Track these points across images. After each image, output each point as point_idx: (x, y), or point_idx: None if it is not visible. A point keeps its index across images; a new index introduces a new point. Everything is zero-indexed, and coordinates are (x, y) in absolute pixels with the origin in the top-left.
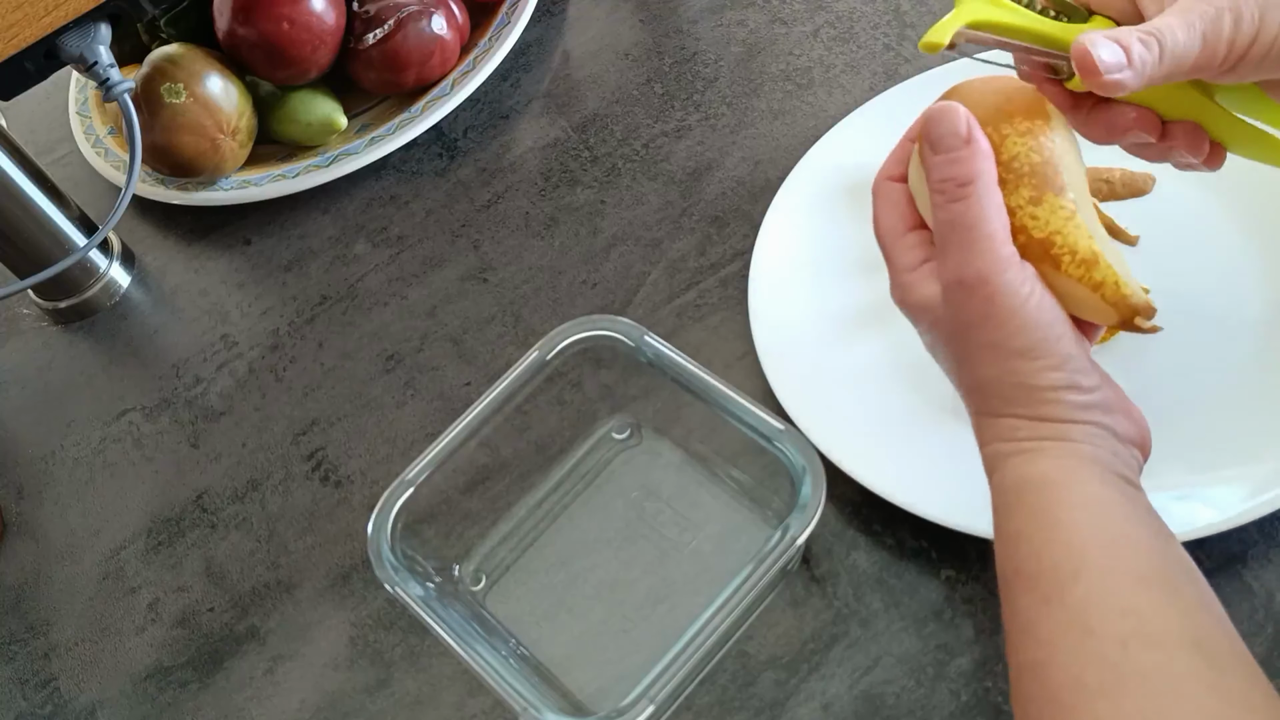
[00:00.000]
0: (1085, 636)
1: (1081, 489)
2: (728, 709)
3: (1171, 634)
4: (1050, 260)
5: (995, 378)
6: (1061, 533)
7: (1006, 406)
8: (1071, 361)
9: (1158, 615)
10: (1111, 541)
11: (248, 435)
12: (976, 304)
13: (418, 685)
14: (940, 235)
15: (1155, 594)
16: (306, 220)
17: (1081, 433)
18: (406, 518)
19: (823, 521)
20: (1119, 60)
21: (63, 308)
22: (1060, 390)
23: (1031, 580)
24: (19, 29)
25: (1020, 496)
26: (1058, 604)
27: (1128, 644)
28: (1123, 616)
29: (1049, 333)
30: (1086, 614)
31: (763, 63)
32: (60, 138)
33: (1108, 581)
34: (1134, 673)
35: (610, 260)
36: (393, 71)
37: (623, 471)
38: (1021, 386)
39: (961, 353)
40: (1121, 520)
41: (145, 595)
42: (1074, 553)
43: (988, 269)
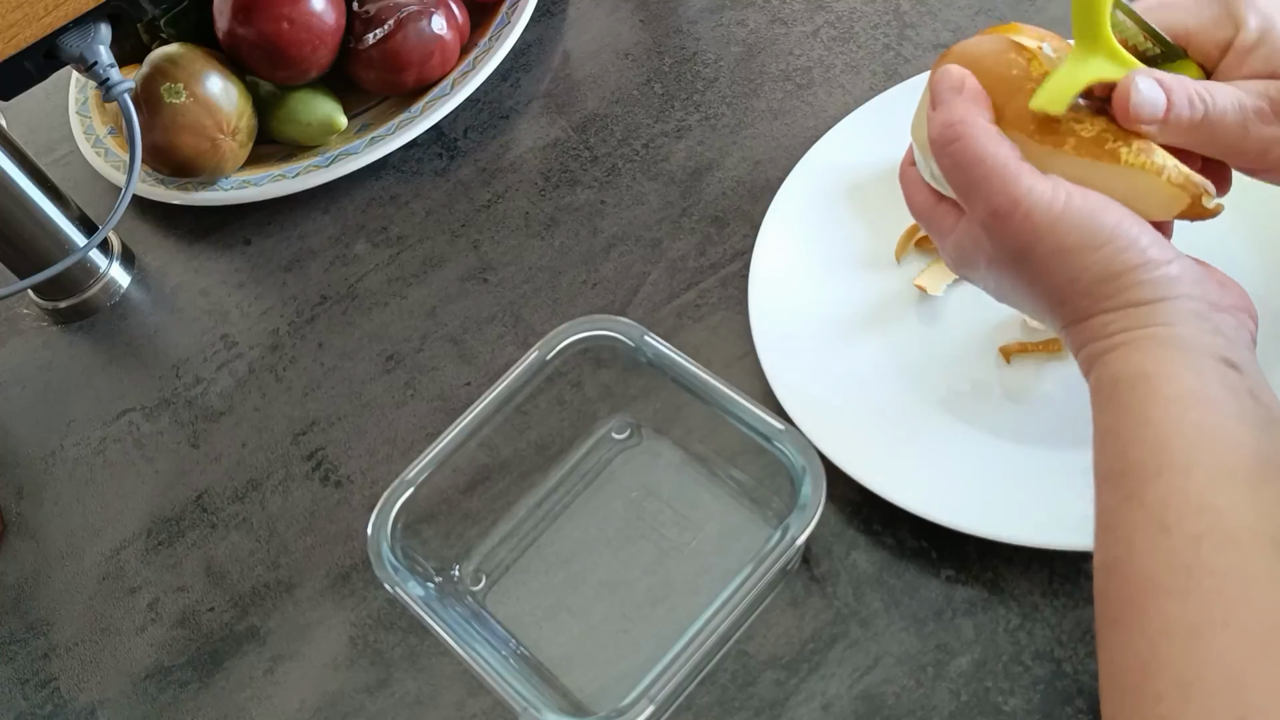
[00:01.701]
0: (1161, 534)
1: (1173, 382)
2: (728, 709)
3: (1249, 531)
4: (1109, 155)
5: (1070, 279)
6: (1149, 429)
7: (1092, 304)
8: (1139, 239)
9: (1236, 513)
10: (1198, 436)
11: (248, 435)
12: (1017, 225)
13: (418, 685)
14: (955, 185)
15: (1237, 491)
16: (306, 220)
17: (1173, 312)
18: (406, 518)
19: (823, 521)
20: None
21: (63, 308)
22: (1135, 270)
23: (1117, 478)
24: (19, 29)
25: (1114, 392)
26: (1138, 502)
27: (1201, 542)
28: (1199, 514)
29: (1103, 219)
30: (1164, 511)
31: (763, 63)
32: (60, 138)
33: (1189, 478)
34: (1205, 572)
35: (610, 260)
36: (393, 71)
37: (623, 471)
38: (1098, 279)
39: (1030, 275)
40: (1213, 413)
41: (145, 595)
42: (1159, 449)
43: (1013, 191)
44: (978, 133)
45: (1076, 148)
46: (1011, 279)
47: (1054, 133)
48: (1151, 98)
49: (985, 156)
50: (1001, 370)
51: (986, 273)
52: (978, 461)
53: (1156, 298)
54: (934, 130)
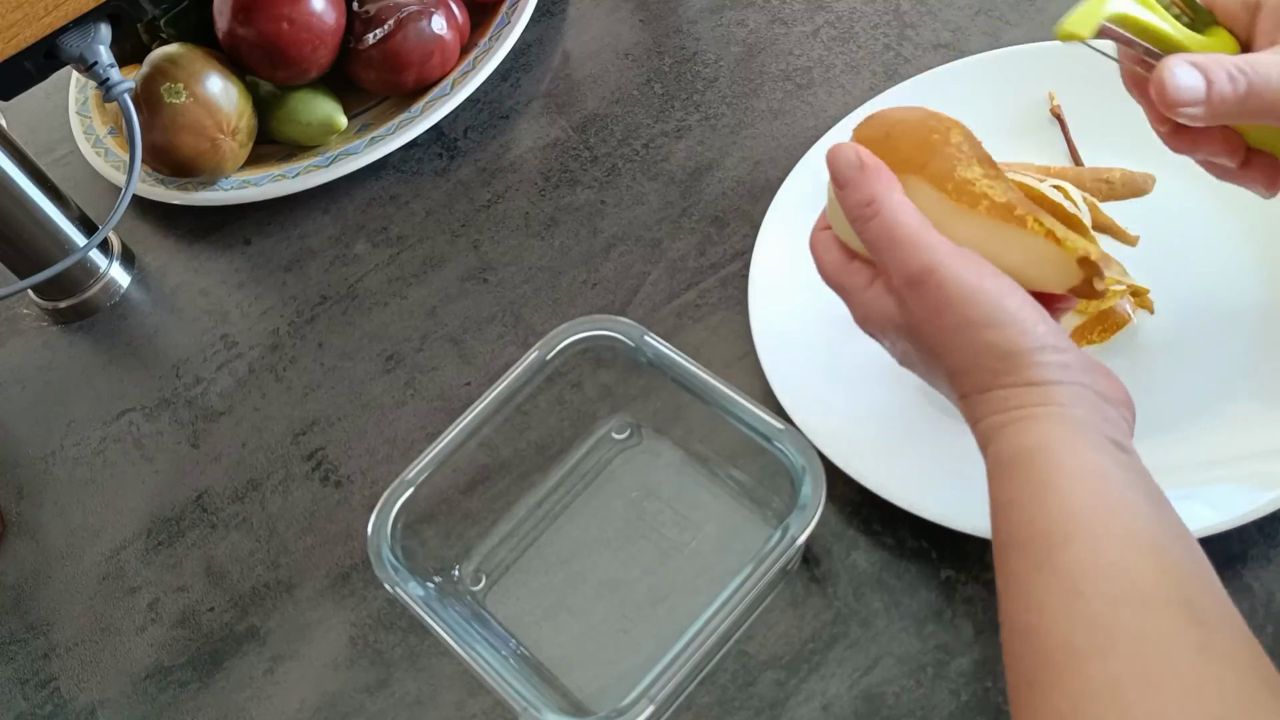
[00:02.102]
0: (1075, 599)
1: (1073, 456)
2: (728, 709)
3: (1161, 595)
4: (1017, 220)
5: (973, 354)
6: (1054, 498)
7: (992, 379)
8: (1038, 325)
9: (1147, 577)
10: (1102, 506)
11: (248, 435)
12: (930, 293)
13: (418, 685)
14: (875, 254)
15: (1145, 557)
16: (306, 220)
17: (1068, 395)
18: (406, 518)
19: (823, 521)
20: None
21: (63, 308)
22: (1036, 351)
23: (1023, 546)
24: (19, 29)
25: (1014, 465)
26: (1049, 568)
27: (1118, 605)
28: (1112, 579)
29: (1007, 302)
30: (1076, 577)
31: (763, 63)
32: (60, 138)
33: (1098, 545)
34: (1124, 633)
35: (610, 260)
36: (393, 71)
37: (623, 471)
38: (999, 356)
39: (935, 345)
40: (1113, 485)
41: (145, 595)
42: (1065, 518)
43: (928, 259)
44: (893, 206)
45: (989, 209)
46: (918, 349)
47: (969, 194)
48: (1189, 83)
49: (900, 225)
50: None
51: (895, 337)
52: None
53: (1052, 380)
54: (849, 209)
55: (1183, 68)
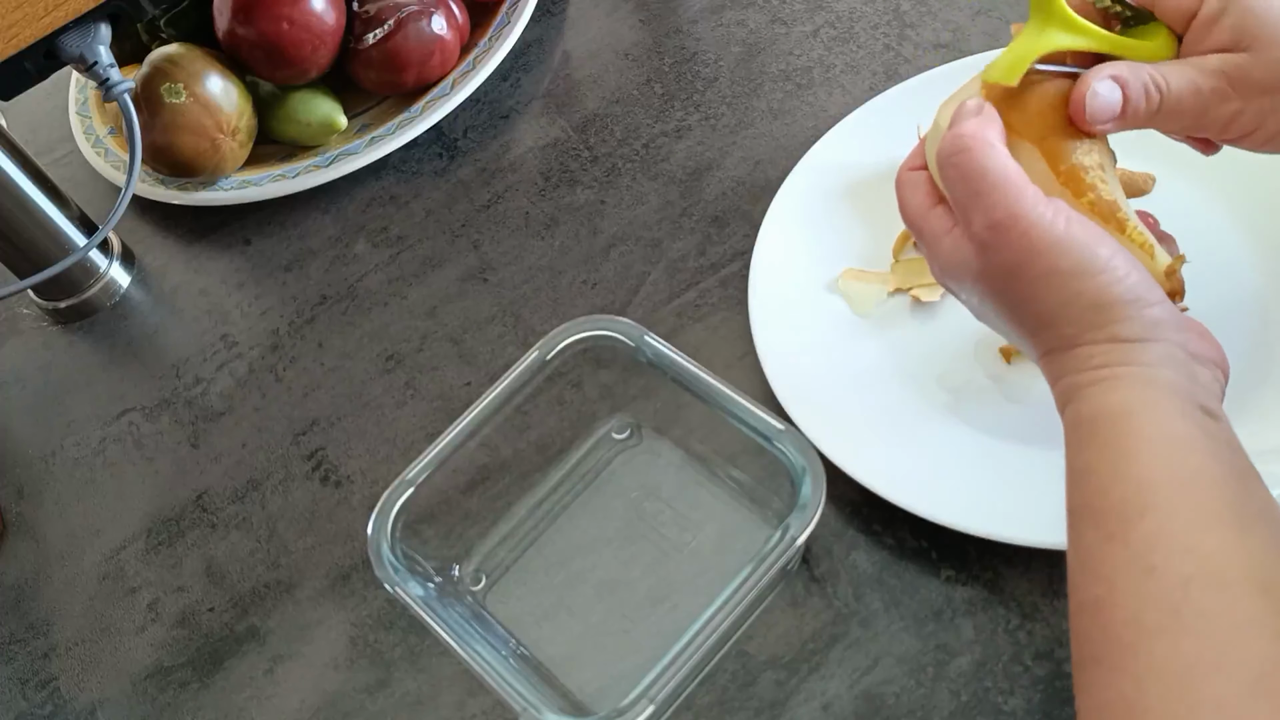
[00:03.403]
0: (1147, 575)
1: (1157, 422)
2: (728, 709)
3: (1237, 576)
4: (1117, 223)
5: (1060, 304)
6: (1132, 468)
7: (1079, 333)
8: (1131, 275)
9: (1224, 556)
10: (1183, 478)
11: (248, 435)
12: (1014, 240)
13: (418, 685)
14: (956, 196)
15: (1224, 534)
16: (306, 220)
17: (1157, 354)
18: (406, 518)
19: (823, 521)
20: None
21: (63, 308)
22: (1126, 305)
23: (1097, 516)
24: (19, 29)
25: (1094, 429)
26: (1121, 541)
27: (1190, 584)
28: (1187, 556)
29: (1099, 249)
30: (1150, 552)
31: (763, 63)
32: (60, 138)
33: (1175, 520)
34: (1194, 614)
35: (610, 260)
36: (393, 71)
37: (623, 471)
38: (1089, 306)
39: (1017, 295)
40: (1197, 456)
41: (145, 595)
42: (1143, 489)
43: (1014, 207)
44: (985, 146)
45: (1093, 205)
46: (997, 297)
47: (1077, 181)
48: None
49: (990, 169)
50: (1001, 371)
51: (973, 288)
52: (978, 461)
53: (1142, 337)
54: (943, 141)
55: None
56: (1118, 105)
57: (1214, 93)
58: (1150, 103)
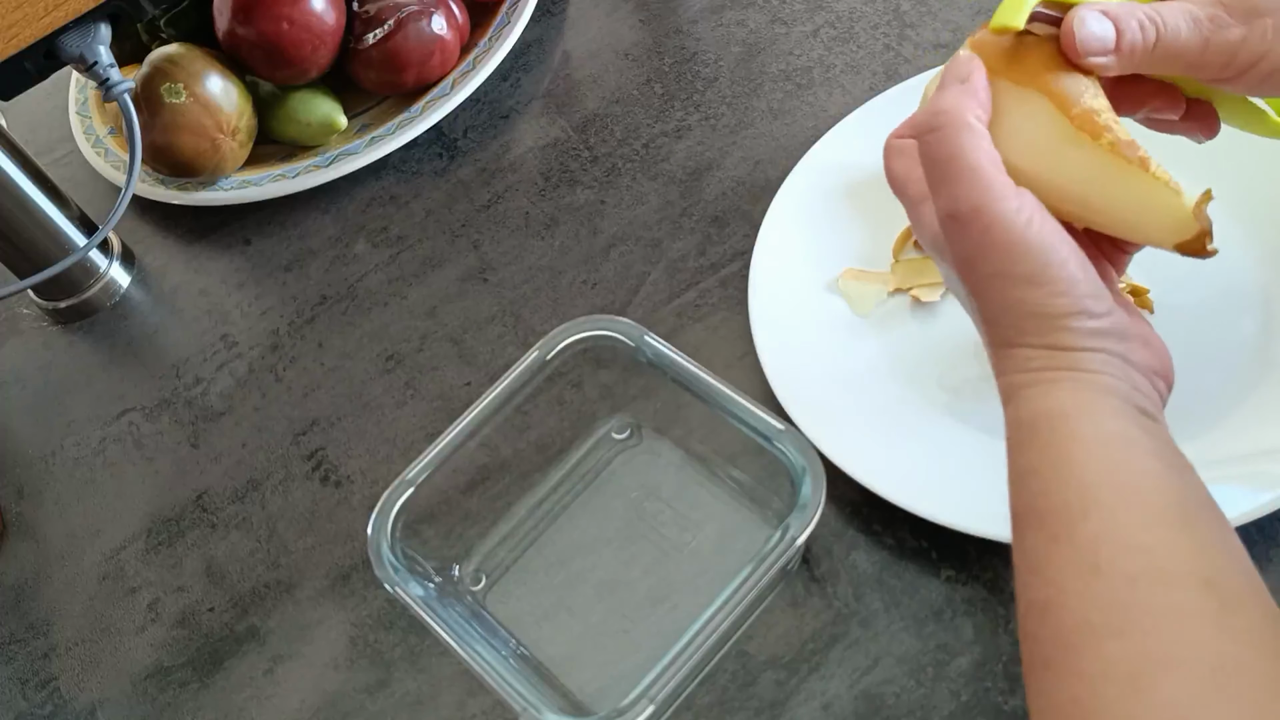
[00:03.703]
0: (1093, 575)
1: (1096, 423)
2: (728, 709)
3: (1182, 572)
4: (1140, 161)
5: (1004, 308)
6: (1073, 469)
7: (1019, 336)
8: (1078, 286)
9: (1168, 553)
10: (1124, 479)
11: (248, 435)
12: (973, 235)
13: (418, 685)
14: (927, 174)
15: (1167, 531)
16: (306, 220)
17: (1096, 361)
18: (406, 518)
19: (823, 521)
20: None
21: (63, 308)
22: (1069, 317)
23: (1041, 518)
24: (19, 29)
25: (1034, 431)
26: (1066, 542)
27: (1136, 582)
28: (1132, 554)
29: (1052, 258)
30: (1095, 552)
31: (763, 63)
32: (60, 138)
33: (1118, 519)
34: (1143, 611)
35: (610, 260)
36: (393, 71)
37: (623, 471)
38: (1030, 315)
39: (971, 286)
40: (1136, 456)
41: (145, 595)
42: (1085, 490)
43: (980, 200)
44: (959, 128)
45: (1112, 145)
46: (959, 283)
47: (1092, 124)
48: (1100, 32)
49: (961, 154)
50: None
51: (942, 263)
52: (978, 462)
53: (1082, 346)
54: (921, 114)
55: (1093, 15)
56: (1110, 37)
57: (1212, 20)
58: (1146, 35)
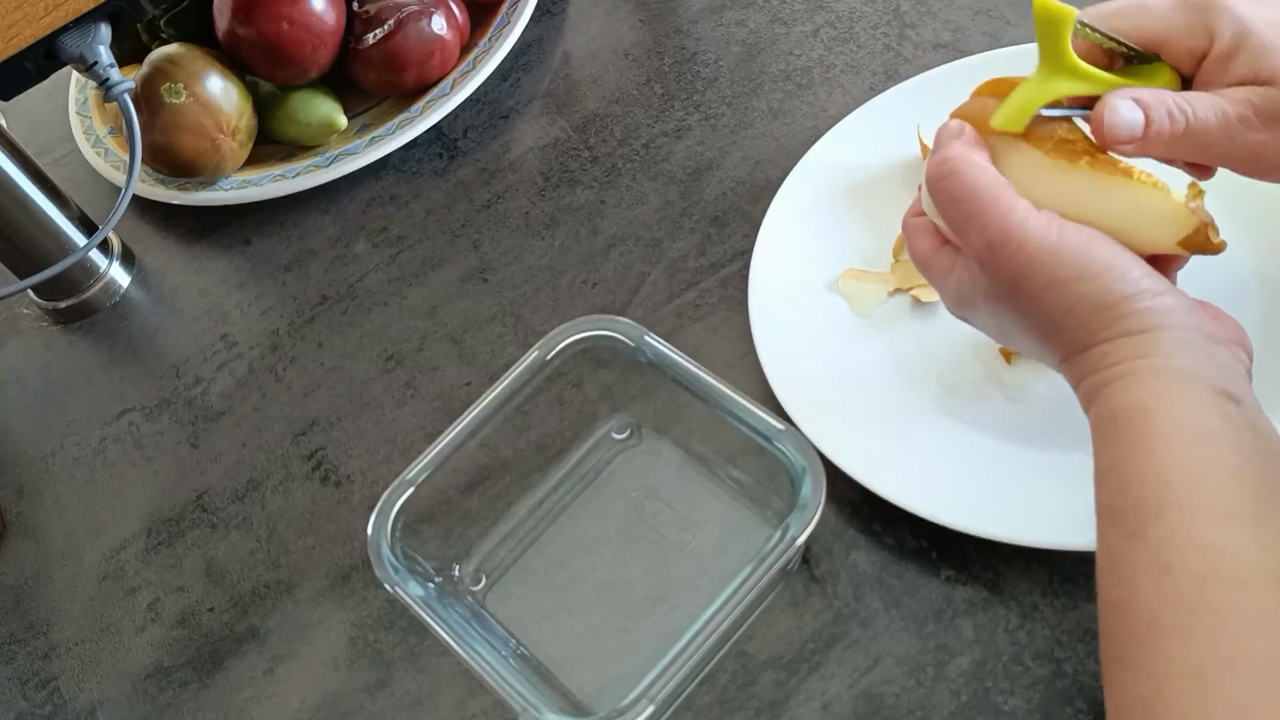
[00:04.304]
0: (1164, 574)
1: (1174, 416)
2: (728, 709)
3: (1250, 570)
4: (1122, 171)
5: (1067, 310)
6: (1150, 465)
7: (1090, 335)
8: (1131, 270)
9: (1239, 551)
10: (1200, 473)
11: (248, 435)
12: (1011, 257)
13: (418, 685)
14: (949, 220)
15: (1240, 528)
16: (306, 220)
17: (1169, 342)
18: (406, 518)
19: (823, 521)
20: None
21: (63, 308)
22: (1130, 299)
23: (1119, 515)
24: (19, 29)
25: (1115, 427)
26: (1140, 541)
27: (1204, 582)
28: (1202, 553)
29: (1096, 253)
30: (1167, 551)
31: (763, 63)
32: (60, 138)
33: (1191, 516)
34: (1208, 611)
35: (610, 260)
36: (393, 71)
37: (623, 471)
38: (1093, 308)
39: (1025, 308)
40: (1214, 448)
41: (145, 595)
42: (1160, 486)
43: (1005, 222)
44: (971, 168)
45: (1092, 164)
46: (1008, 313)
47: (1069, 150)
48: (1129, 118)
49: (979, 189)
50: (1001, 370)
51: (985, 310)
52: (978, 461)
53: (1152, 326)
54: (930, 167)
55: (1125, 102)
56: (1139, 124)
57: (1240, 120)
58: (1175, 124)
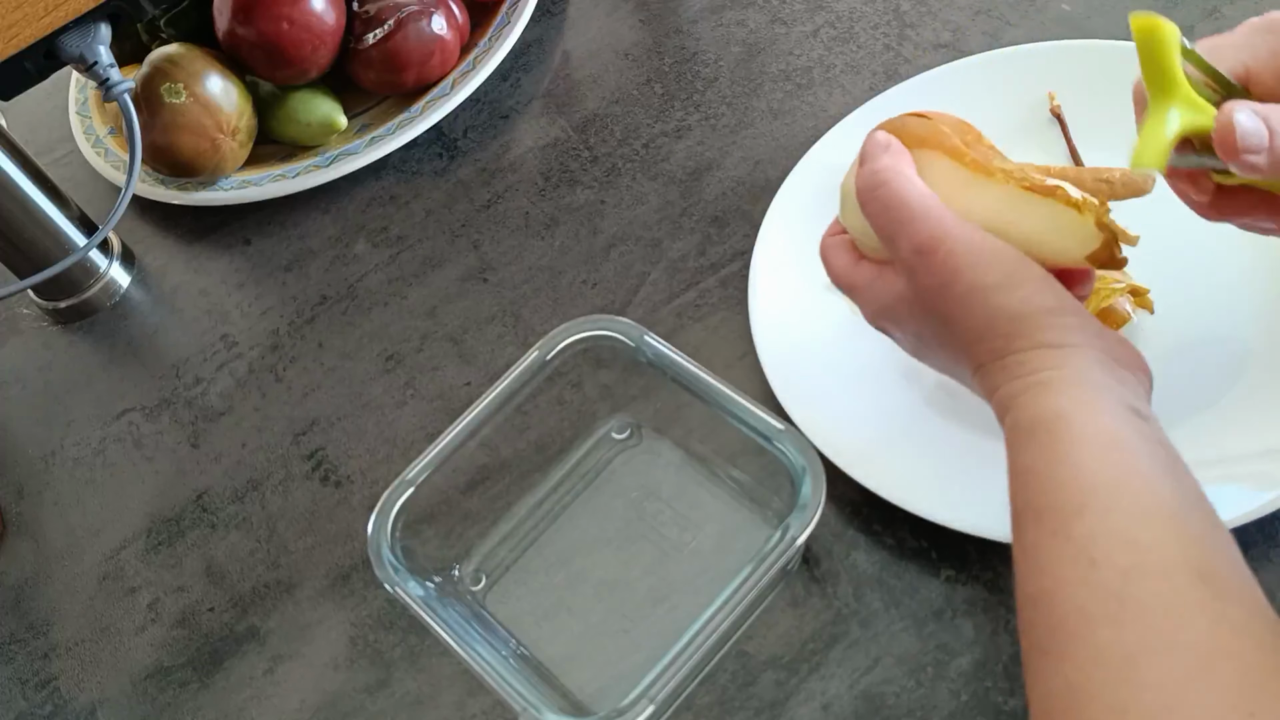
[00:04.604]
0: (1089, 568)
1: (1090, 422)
2: (728, 709)
3: (1174, 564)
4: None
5: (987, 318)
6: (1069, 468)
7: (1006, 344)
8: (1051, 287)
9: (1161, 547)
10: (1117, 475)
11: (248, 435)
12: (940, 261)
13: (418, 685)
14: (879, 227)
15: (1160, 526)
16: (306, 220)
17: (1083, 358)
18: (406, 518)
19: (823, 521)
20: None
21: (63, 308)
22: (1052, 314)
23: (1039, 514)
24: (19, 29)
25: (1032, 433)
26: (1063, 537)
27: (1130, 574)
28: (1126, 548)
29: (1019, 263)
30: (1091, 546)
31: (763, 63)
32: (60, 138)
33: (1112, 515)
34: (1136, 601)
35: (610, 260)
36: (393, 71)
37: (623, 471)
38: (1015, 318)
39: (946, 314)
40: (1129, 454)
41: (145, 595)
42: (1080, 487)
43: (936, 229)
44: (901, 179)
45: (1005, 177)
46: (929, 322)
47: (984, 166)
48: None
49: (909, 198)
50: None
51: (908, 318)
52: (978, 462)
53: (1067, 343)
54: (861, 178)
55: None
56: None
57: None
58: None
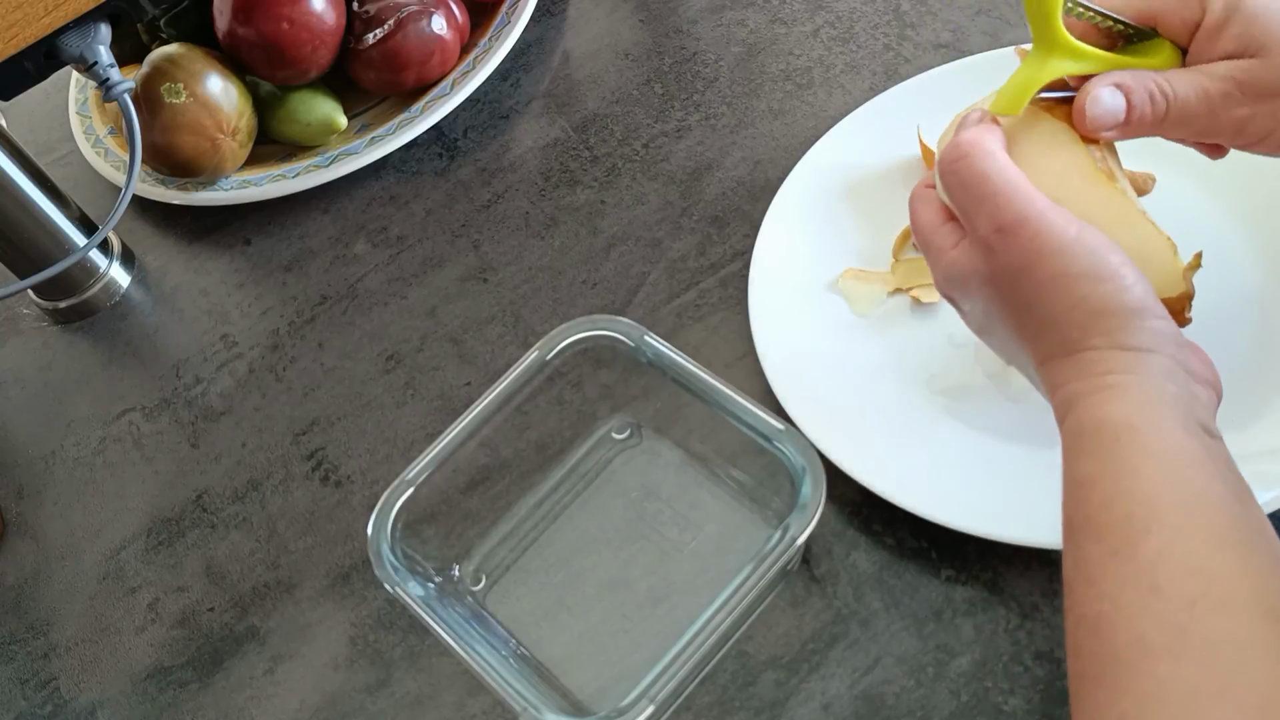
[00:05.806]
0: (1152, 594)
1: (1162, 437)
2: (728, 709)
3: (1242, 599)
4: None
5: (1067, 307)
6: (1137, 482)
7: (1085, 338)
8: (1139, 285)
9: (1229, 578)
10: (1188, 497)
11: (248, 435)
12: (1024, 243)
13: (418, 685)
14: (958, 203)
15: (1229, 556)
16: (306, 220)
17: (1161, 367)
18: (406, 518)
19: (823, 521)
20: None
21: (63, 308)
22: (1137, 314)
23: (1100, 530)
24: (19, 29)
25: (1096, 439)
26: (1126, 558)
27: (1195, 605)
28: (1193, 577)
29: (1110, 257)
30: (1156, 571)
31: (763, 63)
32: (60, 138)
33: (1181, 539)
34: (1199, 636)
35: (610, 260)
36: (393, 71)
37: (623, 471)
38: (1098, 313)
39: (1023, 298)
40: (1201, 474)
41: (145, 595)
42: (1148, 505)
43: (1023, 210)
44: (983, 153)
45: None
46: (1001, 301)
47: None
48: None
49: (991, 174)
50: (1001, 370)
51: (977, 293)
52: (978, 461)
53: (1146, 347)
54: (943, 150)
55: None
56: (1120, 111)
57: (1223, 97)
58: (1156, 108)
